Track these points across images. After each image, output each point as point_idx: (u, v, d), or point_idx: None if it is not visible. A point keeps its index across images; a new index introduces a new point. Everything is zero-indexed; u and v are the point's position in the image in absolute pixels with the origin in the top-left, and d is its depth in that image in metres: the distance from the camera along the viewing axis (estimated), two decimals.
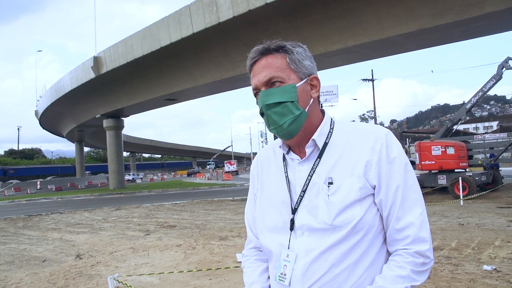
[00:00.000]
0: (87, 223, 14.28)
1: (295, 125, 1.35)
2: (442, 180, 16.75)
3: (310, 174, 1.37)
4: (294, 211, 1.37)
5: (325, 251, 1.29)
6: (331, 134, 1.40)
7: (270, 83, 1.36)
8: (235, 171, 67.30)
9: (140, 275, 6.53)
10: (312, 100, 1.40)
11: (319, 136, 1.39)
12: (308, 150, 1.39)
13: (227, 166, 68.97)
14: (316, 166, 1.37)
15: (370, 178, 1.32)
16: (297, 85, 1.36)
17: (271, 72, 1.36)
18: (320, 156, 1.38)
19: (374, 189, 1.33)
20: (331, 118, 1.46)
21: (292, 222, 1.36)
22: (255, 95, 1.42)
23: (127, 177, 67.37)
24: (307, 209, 1.35)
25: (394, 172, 1.32)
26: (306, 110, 1.37)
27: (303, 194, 1.36)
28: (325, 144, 1.39)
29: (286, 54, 1.38)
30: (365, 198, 1.32)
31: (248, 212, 1.63)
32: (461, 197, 14.13)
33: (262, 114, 1.39)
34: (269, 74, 1.36)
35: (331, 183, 1.33)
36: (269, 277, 1.51)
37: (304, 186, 1.37)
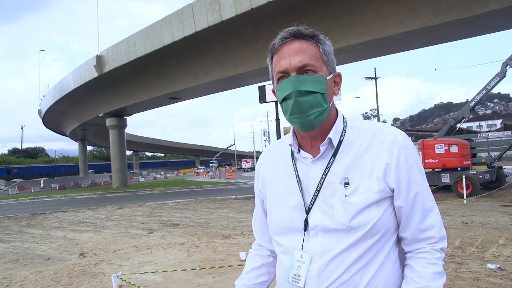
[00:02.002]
0: (91, 221, 14.33)
1: (321, 118, 1.30)
2: (446, 179, 16.72)
3: (325, 173, 1.33)
4: (308, 211, 1.34)
5: (341, 252, 1.28)
6: (345, 132, 1.37)
7: (302, 69, 1.29)
8: (252, 168, 73.71)
9: (144, 273, 6.54)
10: (335, 97, 1.38)
11: (334, 135, 1.35)
12: (322, 148, 1.35)
13: (243, 163, 77.95)
14: (331, 165, 1.34)
15: (389, 181, 1.31)
16: (327, 78, 1.32)
17: (306, 58, 1.29)
18: (334, 155, 1.35)
19: (392, 192, 1.32)
20: (343, 116, 1.43)
21: (306, 222, 1.33)
22: (279, 78, 1.33)
23: (198, 170, 69.25)
24: (321, 209, 1.32)
25: (413, 176, 1.32)
26: (330, 105, 1.33)
27: (317, 194, 1.33)
28: (340, 143, 1.36)
29: (319, 44, 1.33)
30: (383, 200, 1.31)
31: (254, 213, 1.65)
32: (465, 195, 14.09)
33: (284, 100, 1.31)
34: (304, 60, 1.29)
35: (347, 183, 1.30)
36: (259, 275, 1.56)
37: (318, 186, 1.33)
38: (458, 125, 19.43)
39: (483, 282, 5.15)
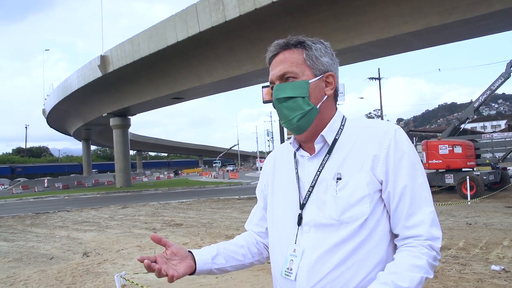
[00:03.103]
0: (94, 221, 14.36)
1: (305, 120, 1.35)
2: (450, 179, 16.65)
3: (319, 170, 1.36)
4: (302, 206, 1.37)
5: (332, 248, 1.28)
6: (341, 131, 1.40)
7: (284, 77, 1.38)
8: None
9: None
10: (326, 97, 1.39)
11: (328, 132, 1.38)
12: (317, 146, 1.39)
13: (258, 162, 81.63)
14: (325, 162, 1.37)
15: (378, 173, 1.30)
16: (310, 81, 1.36)
17: (285, 67, 1.37)
18: (329, 152, 1.37)
19: (381, 184, 1.31)
20: (343, 115, 1.45)
21: (300, 217, 1.36)
22: (271, 89, 1.43)
23: (229, 167, 71.36)
24: (315, 205, 1.34)
25: (403, 168, 1.30)
26: (317, 106, 1.37)
27: (312, 190, 1.36)
28: (335, 141, 1.38)
29: (303, 50, 1.39)
30: (374, 194, 1.30)
31: (255, 207, 1.68)
32: (469, 196, 14.04)
33: (274, 108, 1.41)
34: (283, 69, 1.37)
35: (339, 178, 1.32)
36: (236, 251, 1.56)
37: (312, 182, 1.37)
38: (462, 126, 19.36)
39: (487, 284, 5.13)
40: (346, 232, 1.28)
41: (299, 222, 1.37)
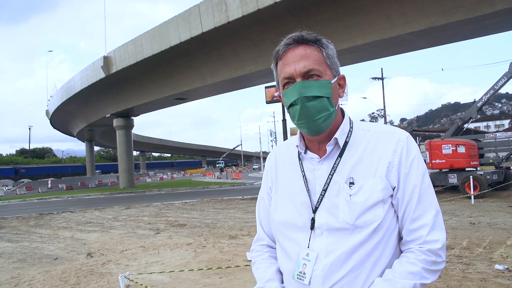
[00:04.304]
0: (98, 221, 14.40)
1: (328, 122, 1.33)
2: (453, 179, 16.62)
3: (331, 173, 1.36)
4: (315, 210, 1.36)
5: (346, 252, 1.29)
6: (351, 133, 1.40)
7: (307, 75, 1.31)
8: None
9: (151, 273, 6.57)
10: (339, 99, 1.40)
11: (340, 135, 1.37)
12: (328, 148, 1.37)
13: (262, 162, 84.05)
14: (337, 165, 1.36)
15: (391, 180, 1.32)
16: (332, 81, 1.34)
17: (311, 63, 1.31)
18: (341, 155, 1.37)
19: (393, 190, 1.33)
20: (349, 118, 1.45)
21: (313, 221, 1.35)
22: (284, 84, 1.35)
23: (254, 166, 72.87)
24: (326, 209, 1.34)
25: (412, 173, 1.33)
26: (336, 108, 1.35)
27: (324, 193, 1.35)
28: (346, 143, 1.38)
29: (322, 48, 1.35)
30: (387, 199, 1.32)
31: (261, 209, 1.62)
32: (472, 196, 14.01)
33: (291, 105, 1.33)
34: (309, 66, 1.31)
35: (352, 183, 1.32)
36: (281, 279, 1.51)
37: (325, 185, 1.35)
38: (465, 125, 19.31)
39: (491, 283, 5.12)
40: (360, 237, 1.29)
41: (312, 226, 1.35)
